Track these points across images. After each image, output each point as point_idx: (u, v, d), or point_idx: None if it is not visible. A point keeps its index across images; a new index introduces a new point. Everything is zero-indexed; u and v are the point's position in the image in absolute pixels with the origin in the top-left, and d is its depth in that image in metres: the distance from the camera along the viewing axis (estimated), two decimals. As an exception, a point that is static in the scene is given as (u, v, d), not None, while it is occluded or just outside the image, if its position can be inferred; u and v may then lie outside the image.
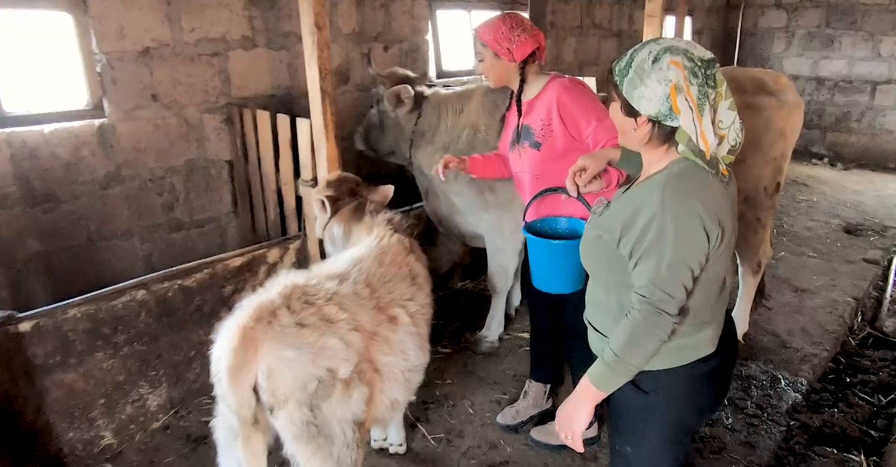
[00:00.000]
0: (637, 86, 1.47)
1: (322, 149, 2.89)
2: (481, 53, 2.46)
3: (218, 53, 3.58)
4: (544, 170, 2.46)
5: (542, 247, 2.20)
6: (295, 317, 1.65)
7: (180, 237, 3.68)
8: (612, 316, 1.66)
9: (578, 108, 2.37)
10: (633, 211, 1.53)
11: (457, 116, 3.29)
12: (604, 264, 1.67)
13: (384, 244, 2.22)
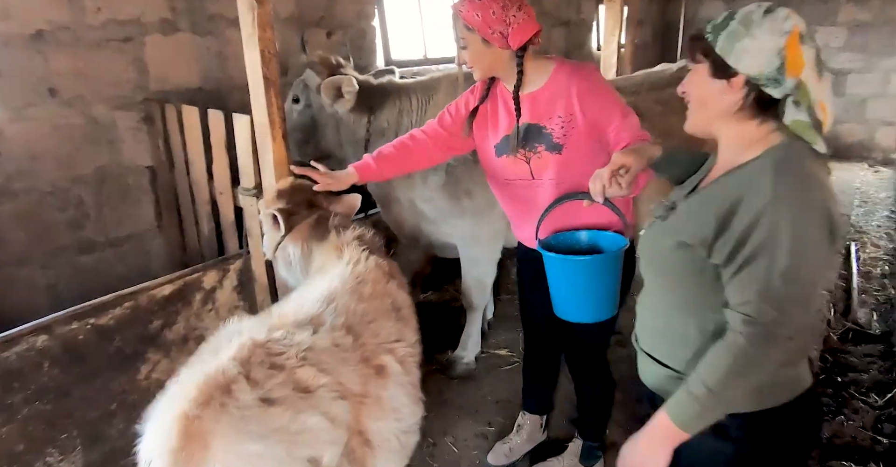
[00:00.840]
0: (741, 37, 1.18)
1: (267, 151, 2.38)
2: (465, 39, 1.97)
3: (131, 39, 2.98)
4: (568, 176, 2.04)
5: (575, 268, 1.81)
6: (258, 392, 1.18)
7: (93, 261, 3.07)
8: (689, 346, 1.33)
9: (602, 100, 1.96)
10: (729, 205, 1.20)
11: (422, 110, 2.86)
12: (684, 279, 1.32)
13: (360, 270, 1.76)
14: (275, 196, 2.08)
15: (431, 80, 2.91)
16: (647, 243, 1.42)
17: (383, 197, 3.10)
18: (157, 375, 2.59)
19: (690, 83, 1.30)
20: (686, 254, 1.27)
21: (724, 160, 1.32)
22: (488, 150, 2.19)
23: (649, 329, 1.45)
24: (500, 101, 2.14)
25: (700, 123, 1.32)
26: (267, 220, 2.07)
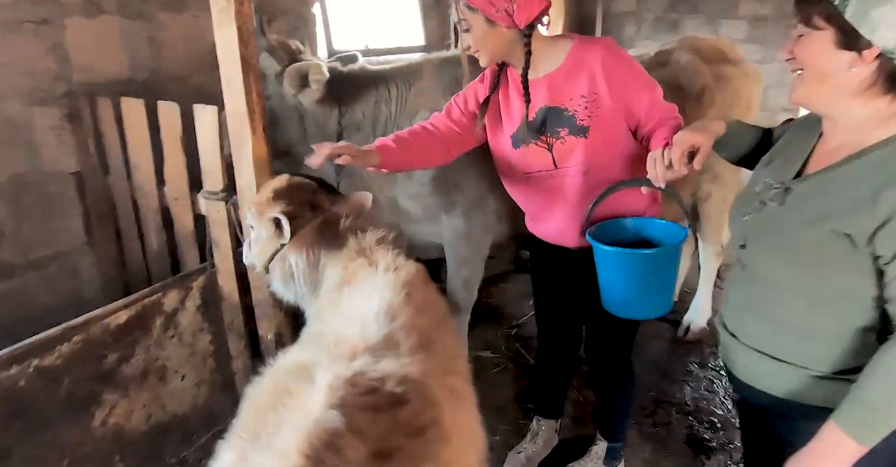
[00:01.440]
0: (878, 3, 1.04)
1: (245, 146, 2.04)
2: (468, 20, 1.77)
3: (48, 21, 2.49)
4: (597, 162, 1.88)
5: (637, 261, 1.65)
6: (370, 446, 0.90)
7: (10, 288, 2.55)
8: (825, 342, 1.22)
9: (630, 74, 1.82)
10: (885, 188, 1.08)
11: (403, 99, 2.60)
12: (830, 270, 1.18)
13: (405, 278, 1.50)
14: (270, 197, 1.76)
15: (412, 66, 2.65)
16: (763, 230, 1.28)
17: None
18: (116, 419, 2.18)
19: (805, 52, 1.16)
20: (832, 241, 1.15)
21: (846, 139, 1.20)
22: (503, 143, 2.00)
23: (769, 326, 1.31)
24: (512, 88, 1.95)
25: (815, 98, 1.20)
26: (263, 227, 1.74)
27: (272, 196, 1.76)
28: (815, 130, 1.31)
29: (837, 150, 1.21)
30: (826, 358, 1.23)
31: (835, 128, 1.22)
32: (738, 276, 1.39)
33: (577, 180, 1.91)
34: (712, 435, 2.79)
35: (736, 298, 1.40)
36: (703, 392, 3.12)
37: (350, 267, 1.62)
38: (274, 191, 1.77)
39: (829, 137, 1.25)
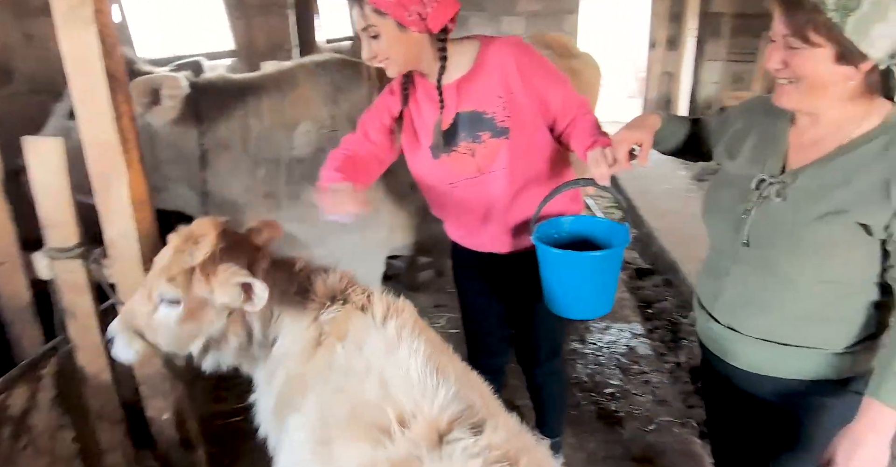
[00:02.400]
0: (875, 21, 1.09)
1: (117, 186, 1.58)
2: (376, 26, 1.58)
3: None
4: (520, 162, 1.80)
5: (585, 263, 1.61)
6: None
7: None
8: (839, 322, 1.31)
9: (543, 70, 1.77)
10: (882, 174, 1.17)
11: (279, 111, 2.27)
12: (834, 257, 1.25)
13: (409, 320, 1.29)
14: (215, 254, 1.38)
15: (284, 73, 2.32)
16: (771, 225, 1.30)
17: (231, 205, 2.39)
18: None
19: (804, 67, 1.18)
20: (840, 224, 1.21)
21: (826, 133, 1.26)
22: (422, 156, 1.85)
23: (777, 315, 1.34)
24: (423, 97, 1.81)
25: (804, 104, 1.24)
26: (224, 294, 1.36)
27: (217, 252, 1.38)
28: (781, 120, 1.36)
29: (819, 143, 1.27)
30: (840, 337, 1.31)
31: (815, 123, 1.28)
32: (733, 272, 1.41)
33: (504, 183, 1.83)
34: (617, 405, 2.96)
35: (732, 293, 1.41)
36: (592, 366, 3.30)
37: (333, 317, 1.35)
38: (215, 244, 1.39)
39: (807, 130, 1.30)
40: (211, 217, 1.45)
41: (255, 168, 2.28)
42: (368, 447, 0.94)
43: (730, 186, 1.41)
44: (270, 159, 2.27)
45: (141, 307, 1.38)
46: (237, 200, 2.32)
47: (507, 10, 8.44)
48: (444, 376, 1.07)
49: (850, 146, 1.22)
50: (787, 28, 1.15)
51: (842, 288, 1.27)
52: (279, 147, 2.26)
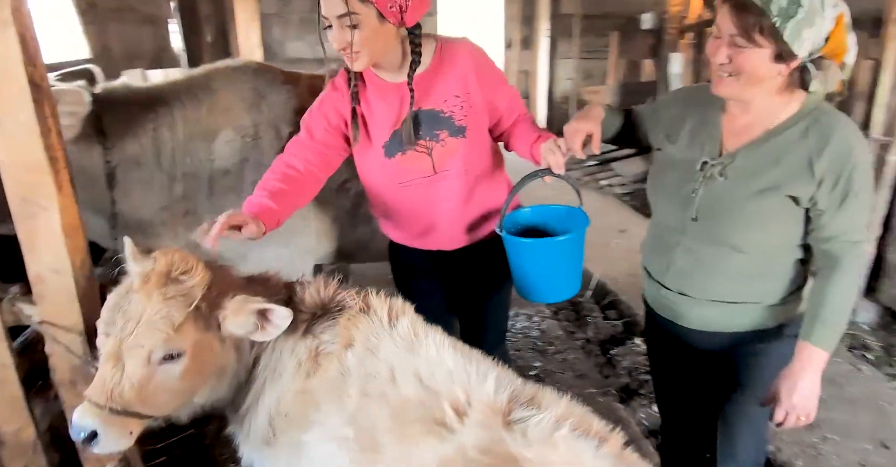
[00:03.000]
0: (807, 26, 1.28)
1: (47, 215, 1.40)
2: (359, 15, 1.54)
3: None
4: (474, 161, 1.85)
5: (554, 248, 1.69)
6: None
7: None
8: (775, 279, 1.53)
9: (494, 72, 1.84)
10: (813, 154, 1.37)
11: (195, 119, 2.11)
12: (779, 222, 1.45)
13: (415, 319, 1.29)
14: (203, 286, 1.27)
15: (196, 79, 2.16)
16: (716, 201, 1.47)
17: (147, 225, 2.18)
18: None
19: (747, 63, 1.34)
20: (775, 198, 1.41)
21: (755, 119, 1.45)
22: (373, 154, 1.83)
23: (724, 278, 1.52)
24: (373, 94, 1.79)
25: (742, 94, 1.41)
26: (236, 325, 1.26)
27: (213, 284, 1.27)
28: (713, 108, 1.53)
29: (749, 128, 1.46)
30: (776, 291, 1.53)
31: (745, 110, 1.46)
32: (683, 244, 1.57)
33: (459, 182, 1.86)
34: (544, 385, 3.13)
35: (683, 263, 1.58)
36: (513, 352, 3.44)
37: (330, 326, 1.30)
38: (205, 275, 1.28)
39: (738, 117, 1.49)
40: (162, 250, 1.31)
41: (172, 184, 2.11)
42: (434, 441, 0.94)
43: (674, 169, 1.58)
44: (189, 173, 2.11)
45: (130, 378, 1.20)
46: (152, 221, 2.13)
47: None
48: (479, 362, 1.09)
49: (776, 130, 1.42)
50: (735, 29, 1.30)
51: (776, 250, 1.49)
52: (198, 159, 2.11)
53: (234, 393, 1.41)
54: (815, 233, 1.44)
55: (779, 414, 1.46)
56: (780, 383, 1.46)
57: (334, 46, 1.62)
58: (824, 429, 2.57)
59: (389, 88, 1.77)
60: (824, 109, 1.40)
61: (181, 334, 1.21)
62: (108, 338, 1.23)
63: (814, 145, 1.37)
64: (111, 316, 1.24)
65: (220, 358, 1.31)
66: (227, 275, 1.39)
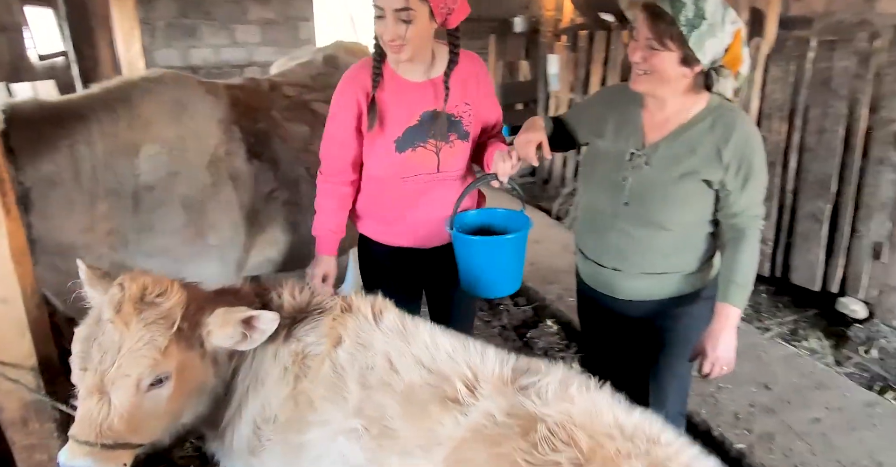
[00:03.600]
0: (709, 37, 1.51)
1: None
2: (415, 11, 1.64)
3: None
4: (467, 166, 2.01)
5: (503, 246, 1.83)
6: None
7: None
8: (699, 251, 1.77)
9: (491, 86, 2.01)
10: (720, 143, 1.62)
11: (114, 134, 2.03)
12: (696, 201, 1.70)
13: (398, 316, 1.38)
14: (191, 307, 1.27)
15: (112, 91, 2.06)
16: (644, 187, 1.69)
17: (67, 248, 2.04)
18: None
19: (658, 64, 1.56)
20: (693, 182, 1.65)
21: (670, 114, 1.68)
22: (384, 147, 1.89)
23: (651, 253, 1.75)
24: (394, 93, 1.86)
25: (655, 90, 1.63)
26: (228, 336, 1.27)
27: (191, 300, 1.27)
28: (634, 105, 1.75)
29: (666, 123, 1.69)
30: (694, 261, 1.79)
31: (661, 107, 1.69)
32: (615, 226, 1.78)
33: (455, 183, 1.99)
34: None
35: (616, 242, 1.79)
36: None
37: (314, 328, 1.36)
38: (181, 293, 1.28)
39: (656, 113, 1.71)
40: (129, 275, 1.30)
41: (94, 203, 2.00)
42: (456, 414, 1.04)
43: (605, 160, 1.79)
44: (111, 191, 2.02)
45: (119, 409, 1.17)
46: (73, 244, 2.01)
47: (239, 19, 8.17)
48: (473, 342, 1.21)
49: (688, 125, 1.67)
50: (650, 34, 1.53)
51: (693, 226, 1.74)
52: (121, 175, 2.03)
53: (213, 408, 1.42)
54: (724, 211, 1.70)
55: (706, 366, 1.71)
56: (705, 340, 1.71)
57: (384, 37, 1.70)
58: (718, 380, 2.95)
59: (409, 87, 1.85)
60: (726, 106, 1.67)
61: (167, 357, 1.22)
62: (87, 372, 1.20)
63: (720, 137, 1.63)
64: (85, 349, 1.21)
65: (202, 375, 1.32)
66: (198, 291, 1.39)
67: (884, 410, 2.79)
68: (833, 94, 3.35)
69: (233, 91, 2.38)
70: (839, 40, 3.36)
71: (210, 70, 8.22)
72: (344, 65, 3.00)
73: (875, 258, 3.31)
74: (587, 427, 0.94)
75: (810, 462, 2.50)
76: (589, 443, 0.91)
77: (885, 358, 3.21)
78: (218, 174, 2.22)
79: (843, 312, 3.48)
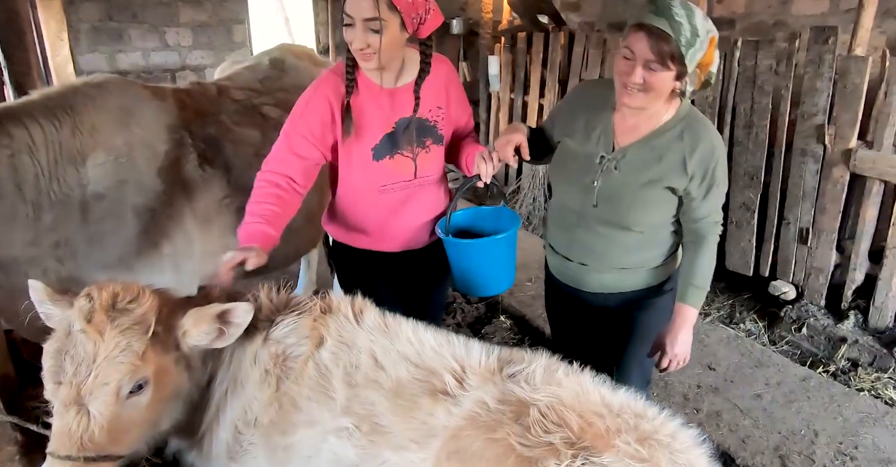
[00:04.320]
0: (700, 51, 1.57)
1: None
2: (386, 21, 1.61)
3: None
4: (442, 170, 2.02)
5: (494, 246, 1.85)
6: None
7: None
8: (661, 249, 1.86)
9: (461, 89, 2.01)
10: (688, 151, 1.69)
11: (60, 142, 1.95)
12: (660, 205, 1.77)
13: (379, 316, 1.40)
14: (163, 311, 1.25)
15: (53, 98, 1.97)
16: (612, 189, 1.76)
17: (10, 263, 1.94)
18: None
19: (659, 82, 1.58)
20: (658, 188, 1.72)
21: (640, 121, 1.73)
22: (360, 155, 1.86)
23: (618, 250, 1.83)
24: (366, 99, 1.82)
25: (650, 105, 1.66)
26: (199, 335, 1.25)
27: (157, 307, 1.25)
28: (605, 109, 1.79)
29: (637, 128, 1.74)
30: (657, 257, 1.87)
31: (636, 113, 1.70)
32: (583, 225, 1.84)
33: (432, 188, 1.99)
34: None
35: (584, 239, 1.86)
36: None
37: (294, 330, 1.36)
38: (152, 297, 1.26)
39: (628, 117, 1.74)
40: (96, 285, 1.27)
41: (39, 214, 1.91)
42: (448, 406, 1.07)
43: (575, 160, 1.84)
44: (58, 201, 1.93)
45: (99, 420, 1.15)
46: (18, 258, 1.92)
47: (170, 22, 7.89)
48: (455, 336, 1.24)
49: (659, 131, 1.73)
50: (652, 55, 1.54)
51: (657, 227, 1.82)
52: (67, 185, 1.94)
53: (190, 414, 1.40)
54: (686, 216, 1.79)
55: (663, 362, 1.81)
56: (664, 337, 1.81)
57: (353, 45, 1.67)
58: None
59: (382, 94, 1.82)
60: (693, 115, 1.74)
61: (145, 362, 1.20)
62: (61, 386, 1.17)
63: (687, 147, 1.69)
64: (57, 362, 1.19)
65: (177, 379, 1.31)
66: (169, 296, 1.37)
67: (816, 383, 3.01)
68: (759, 91, 3.57)
69: (180, 95, 2.33)
70: (762, 40, 3.58)
71: (139, 74, 7.91)
72: (291, 67, 2.99)
73: (802, 243, 3.55)
74: (576, 407, 0.99)
75: (755, 435, 2.67)
76: (579, 423, 0.96)
77: (813, 335, 3.45)
78: (169, 181, 2.17)
79: (775, 295, 3.72)
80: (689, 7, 1.56)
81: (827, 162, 3.36)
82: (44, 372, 1.18)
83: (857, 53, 3.20)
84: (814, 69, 3.30)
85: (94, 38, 7.67)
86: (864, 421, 2.73)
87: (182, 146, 2.21)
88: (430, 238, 2.08)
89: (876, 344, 3.23)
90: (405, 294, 2.19)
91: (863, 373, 3.11)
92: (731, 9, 5.23)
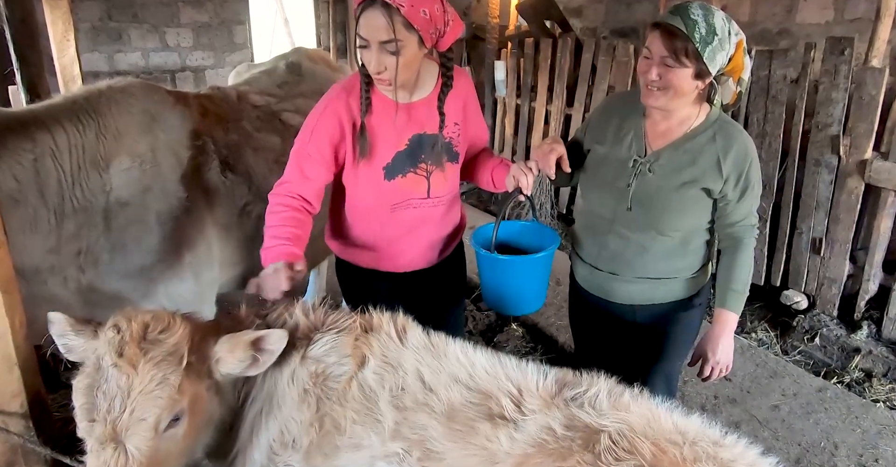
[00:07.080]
0: (719, 51, 1.57)
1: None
2: (402, 41, 1.53)
3: None
4: (456, 187, 1.96)
5: (531, 264, 1.80)
6: None
7: None
8: (690, 256, 1.83)
9: (478, 103, 1.94)
10: (721, 154, 1.68)
11: (84, 147, 1.90)
12: (695, 209, 1.75)
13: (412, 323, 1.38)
14: (184, 341, 1.21)
15: (78, 102, 1.92)
16: (647, 193, 1.74)
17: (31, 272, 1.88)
18: None
19: (675, 80, 1.58)
20: (694, 190, 1.70)
21: (672, 124, 1.72)
22: (372, 175, 1.78)
23: (651, 258, 1.79)
24: (379, 113, 1.74)
25: (668, 105, 1.65)
26: (238, 361, 1.22)
27: (189, 336, 1.22)
28: (636, 113, 1.78)
29: (668, 132, 1.73)
30: (690, 267, 1.85)
31: (666, 117, 1.72)
32: (615, 230, 1.81)
33: (445, 206, 1.92)
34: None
35: (615, 246, 1.83)
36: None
37: (333, 349, 1.32)
38: (184, 325, 1.22)
39: (659, 122, 1.74)
40: (122, 314, 1.23)
41: (61, 221, 1.87)
42: (510, 431, 1.03)
43: (608, 166, 1.82)
44: (80, 208, 1.89)
45: (138, 456, 1.12)
46: (38, 267, 1.87)
47: (171, 22, 7.83)
48: (506, 357, 1.21)
49: (690, 135, 1.72)
50: (666, 52, 1.55)
51: (691, 233, 1.80)
52: (91, 191, 1.90)
53: (221, 438, 1.36)
54: (722, 220, 1.77)
55: (706, 370, 1.78)
56: (705, 345, 1.78)
57: (370, 68, 1.59)
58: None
59: (397, 109, 1.73)
60: (725, 119, 1.73)
61: (182, 394, 1.18)
62: (95, 423, 1.13)
63: (720, 149, 1.68)
64: (89, 399, 1.15)
65: (210, 406, 1.28)
66: (197, 321, 1.33)
67: (832, 394, 3.00)
68: (773, 101, 3.57)
69: (202, 101, 2.29)
70: (776, 50, 3.59)
71: (139, 75, 7.84)
72: (308, 72, 2.95)
73: (815, 253, 3.56)
74: (648, 434, 0.96)
75: (776, 447, 2.65)
76: (653, 450, 0.93)
77: (826, 345, 3.45)
78: (192, 188, 2.13)
79: (787, 304, 3.72)
80: (709, 8, 1.56)
81: (841, 172, 3.36)
82: (75, 410, 1.14)
83: (874, 64, 3.21)
84: (829, 80, 3.30)
85: (94, 37, 7.60)
86: (882, 433, 2.73)
87: (205, 152, 2.17)
88: (439, 257, 2.01)
89: (890, 355, 3.24)
90: (417, 315, 2.15)
91: (877, 385, 3.11)
92: (736, 17, 5.19)
